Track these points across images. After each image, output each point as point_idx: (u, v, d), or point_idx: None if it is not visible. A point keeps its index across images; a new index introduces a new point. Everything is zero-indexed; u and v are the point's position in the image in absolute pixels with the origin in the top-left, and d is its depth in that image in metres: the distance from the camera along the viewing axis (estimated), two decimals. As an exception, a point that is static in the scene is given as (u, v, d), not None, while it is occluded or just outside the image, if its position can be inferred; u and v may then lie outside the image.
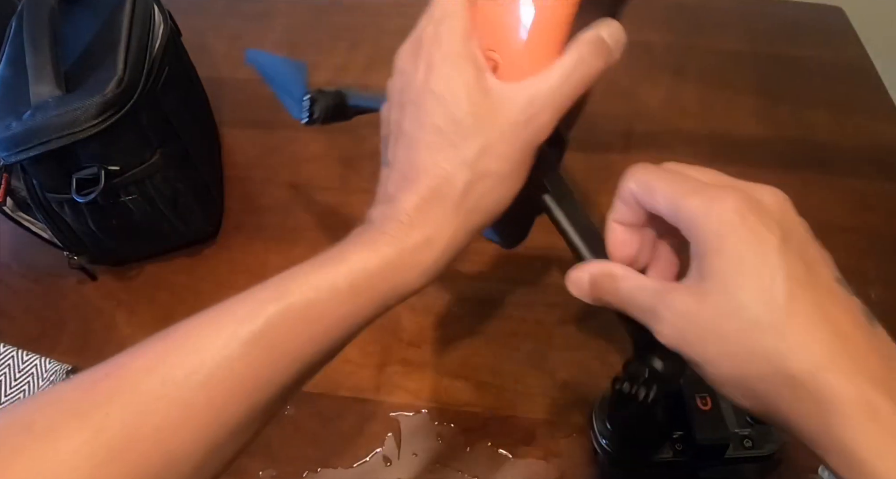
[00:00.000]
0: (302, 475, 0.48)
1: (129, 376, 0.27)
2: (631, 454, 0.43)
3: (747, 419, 0.44)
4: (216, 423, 0.27)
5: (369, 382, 0.52)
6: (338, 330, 0.30)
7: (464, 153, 0.30)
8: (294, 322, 0.28)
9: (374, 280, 0.30)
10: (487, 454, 0.49)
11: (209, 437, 0.27)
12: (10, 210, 0.56)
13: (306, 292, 0.29)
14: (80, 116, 0.49)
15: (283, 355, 0.28)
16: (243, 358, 0.27)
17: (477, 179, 0.30)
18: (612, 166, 0.67)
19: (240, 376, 0.27)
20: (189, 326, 0.28)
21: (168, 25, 0.60)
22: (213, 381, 0.27)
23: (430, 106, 0.31)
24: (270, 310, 0.28)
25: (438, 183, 0.30)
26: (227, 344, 0.27)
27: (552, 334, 0.55)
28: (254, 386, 0.28)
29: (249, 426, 0.29)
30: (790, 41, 0.83)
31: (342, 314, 0.30)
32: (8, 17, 0.58)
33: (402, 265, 0.30)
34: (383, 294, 0.30)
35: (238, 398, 0.27)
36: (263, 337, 0.28)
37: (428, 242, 0.30)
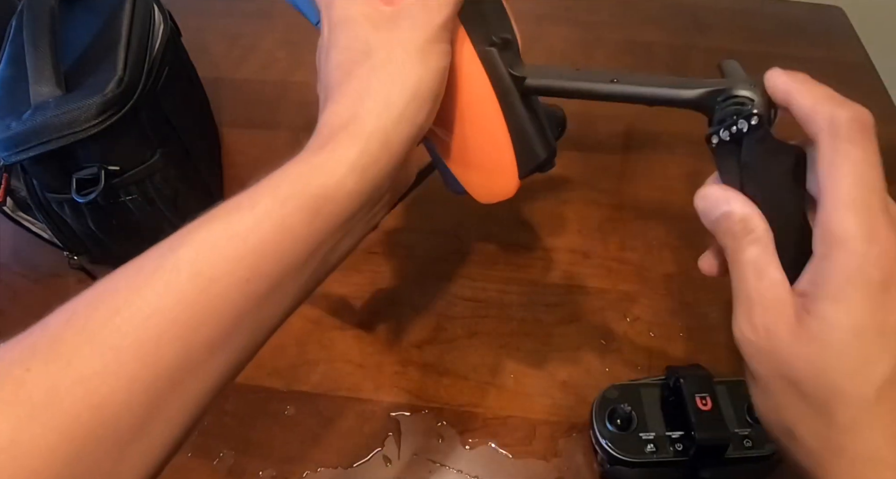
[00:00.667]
0: (302, 475, 0.48)
1: (50, 329, 0.25)
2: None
3: (747, 419, 0.44)
4: (150, 368, 0.25)
5: (369, 382, 0.52)
6: (272, 253, 0.28)
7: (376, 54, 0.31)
8: (229, 244, 0.27)
9: (295, 186, 0.29)
10: (487, 454, 0.49)
11: (144, 385, 0.25)
12: (10, 210, 0.56)
13: (228, 209, 0.28)
14: (80, 116, 0.49)
15: (212, 281, 0.27)
16: (173, 294, 0.26)
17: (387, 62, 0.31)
18: (612, 166, 0.67)
19: (171, 314, 0.26)
20: (116, 274, 0.27)
21: (168, 25, 0.60)
22: (140, 321, 0.25)
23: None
24: (201, 234, 0.27)
25: (356, 85, 0.31)
26: (151, 283, 0.26)
27: (552, 334, 0.55)
28: (187, 325, 0.26)
29: (189, 377, 0.26)
30: (790, 41, 0.83)
31: (269, 229, 0.28)
32: (8, 17, 0.58)
33: (322, 164, 0.30)
34: (309, 198, 0.29)
35: (170, 339, 0.25)
36: (194, 264, 0.27)
37: (350, 136, 0.30)
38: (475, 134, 0.36)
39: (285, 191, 0.29)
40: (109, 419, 0.24)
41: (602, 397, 0.46)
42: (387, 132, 0.30)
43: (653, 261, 0.59)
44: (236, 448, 0.49)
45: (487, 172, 0.38)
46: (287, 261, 0.28)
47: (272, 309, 0.29)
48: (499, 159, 0.36)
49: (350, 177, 0.29)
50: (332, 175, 0.29)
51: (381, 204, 0.33)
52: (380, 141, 0.30)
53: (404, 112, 0.30)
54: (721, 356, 0.53)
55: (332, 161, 0.29)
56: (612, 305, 0.57)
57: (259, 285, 0.28)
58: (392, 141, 0.30)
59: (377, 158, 0.30)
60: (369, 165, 0.30)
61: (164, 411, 0.26)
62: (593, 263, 0.59)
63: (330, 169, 0.29)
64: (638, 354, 0.53)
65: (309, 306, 0.57)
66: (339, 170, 0.29)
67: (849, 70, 0.79)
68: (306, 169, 0.29)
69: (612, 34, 0.82)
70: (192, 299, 0.26)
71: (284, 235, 0.28)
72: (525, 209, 0.63)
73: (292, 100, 0.73)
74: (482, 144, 0.37)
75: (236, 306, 0.27)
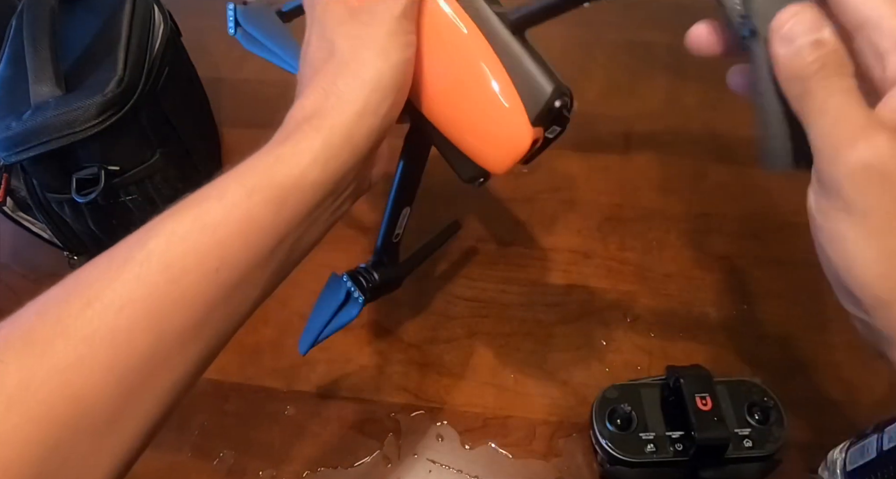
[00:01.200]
0: (302, 475, 0.48)
1: (22, 323, 0.26)
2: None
3: (747, 419, 0.44)
4: (123, 359, 0.25)
5: (369, 382, 0.52)
6: (240, 243, 0.29)
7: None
8: (199, 235, 0.28)
9: (261, 177, 0.30)
10: (487, 454, 0.49)
11: (118, 376, 0.25)
12: (10, 210, 0.56)
13: (197, 200, 0.29)
14: (80, 116, 0.49)
15: (182, 272, 0.27)
16: (144, 285, 0.26)
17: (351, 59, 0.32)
18: (612, 167, 0.67)
19: (143, 305, 0.26)
20: (87, 267, 0.27)
21: (168, 25, 0.60)
22: (112, 313, 0.25)
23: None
24: (171, 226, 0.28)
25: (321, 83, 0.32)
26: (122, 275, 0.26)
27: (552, 334, 0.55)
28: (159, 316, 0.26)
29: (163, 368, 0.27)
30: (790, 41, 0.83)
31: (237, 220, 0.28)
32: (8, 17, 0.58)
33: (286, 155, 0.30)
34: (275, 188, 0.29)
35: (142, 330, 0.26)
36: (164, 255, 0.27)
37: (313, 129, 0.31)
38: (476, 91, 0.35)
39: (252, 182, 0.29)
40: (84, 410, 0.24)
41: (602, 398, 0.46)
42: (349, 125, 0.31)
43: (653, 261, 0.59)
44: (236, 448, 0.49)
45: (497, 129, 0.35)
46: (255, 251, 0.29)
47: (241, 299, 0.30)
48: (505, 108, 0.34)
49: (313, 168, 0.30)
50: (296, 166, 0.30)
51: (345, 195, 0.33)
52: (342, 134, 0.31)
53: (366, 106, 0.31)
54: (721, 356, 0.53)
55: (296, 153, 0.30)
56: (612, 305, 0.56)
57: (228, 275, 0.28)
58: (354, 134, 0.31)
59: (340, 150, 0.31)
60: (332, 157, 0.31)
61: (138, 401, 0.26)
62: (593, 263, 0.59)
63: (294, 160, 0.30)
64: (638, 354, 0.53)
65: (309, 306, 0.56)
66: (303, 161, 0.30)
67: (849, 70, 0.79)
68: (271, 160, 0.30)
69: (612, 34, 0.82)
70: (164, 290, 0.26)
71: (252, 226, 0.29)
72: (525, 209, 0.63)
73: (292, 100, 0.72)
74: (484, 97, 0.35)
75: (207, 297, 0.28)
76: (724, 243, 0.61)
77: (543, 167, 0.67)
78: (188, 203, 0.29)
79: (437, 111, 0.37)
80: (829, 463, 0.45)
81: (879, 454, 0.40)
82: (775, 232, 0.61)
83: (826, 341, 0.54)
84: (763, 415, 0.44)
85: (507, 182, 0.66)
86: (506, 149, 0.35)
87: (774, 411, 0.44)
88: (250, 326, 0.55)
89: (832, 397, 0.51)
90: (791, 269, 0.59)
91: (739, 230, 0.62)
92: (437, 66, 0.35)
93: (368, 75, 0.32)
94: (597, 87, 0.75)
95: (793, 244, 0.60)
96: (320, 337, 0.46)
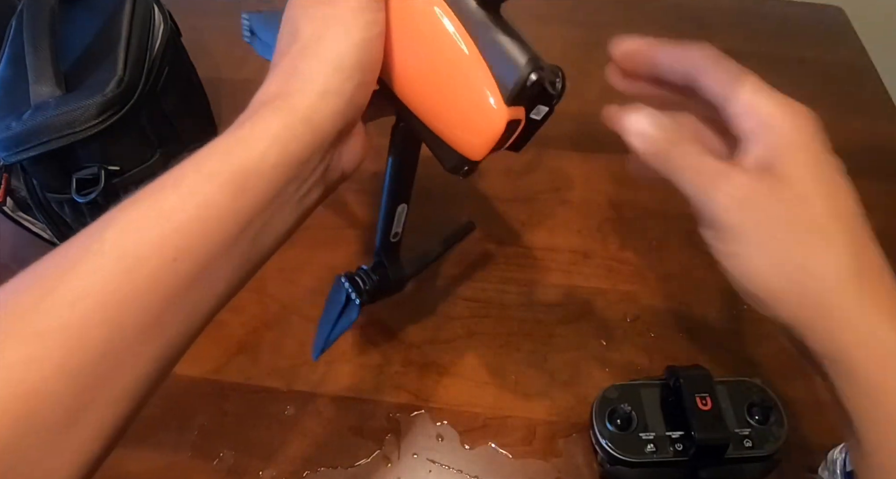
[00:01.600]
0: (302, 475, 0.48)
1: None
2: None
3: (747, 419, 0.44)
4: (77, 354, 0.24)
5: (369, 382, 0.52)
6: (198, 231, 0.27)
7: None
8: (154, 222, 0.27)
9: (218, 162, 0.28)
10: (487, 454, 0.49)
11: (73, 372, 0.24)
12: (10, 210, 0.56)
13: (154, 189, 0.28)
14: (80, 116, 0.49)
15: (139, 261, 0.26)
16: (99, 276, 0.25)
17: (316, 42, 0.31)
18: (611, 167, 0.67)
19: (98, 297, 0.25)
20: (43, 260, 0.26)
21: (168, 25, 0.60)
22: (66, 306, 0.24)
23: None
24: (127, 215, 0.27)
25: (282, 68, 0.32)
26: (76, 267, 0.25)
27: (552, 334, 0.55)
28: (116, 308, 0.25)
29: (121, 364, 0.26)
30: (790, 41, 0.83)
31: (194, 206, 0.27)
32: (8, 17, 0.58)
33: (244, 137, 0.29)
34: (233, 172, 0.28)
35: (98, 323, 0.25)
36: (119, 245, 0.26)
37: (272, 111, 0.30)
38: (447, 72, 0.33)
39: (209, 167, 0.28)
40: (37, 409, 0.23)
41: (602, 398, 0.46)
42: (310, 107, 0.30)
43: (653, 261, 0.59)
44: (236, 448, 0.49)
45: (469, 111, 0.33)
46: (215, 239, 0.28)
47: (204, 292, 0.28)
48: (476, 88, 0.32)
49: (272, 151, 0.29)
50: (254, 148, 0.29)
51: (311, 181, 0.32)
52: (303, 115, 0.30)
53: (328, 86, 0.30)
54: (721, 356, 0.53)
55: (254, 135, 0.29)
56: (612, 305, 0.57)
57: (187, 264, 0.27)
58: (316, 115, 0.30)
59: (300, 132, 0.30)
60: (292, 139, 0.29)
61: (96, 400, 0.25)
62: (593, 263, 0.59)
63: (252, 142, 0.29)
64: (638, 354, 0.53)
65: (309, 305, 0.57)
66: (261, 143, 0.29)
67: (849, 70, 0.79)
68: (229, 143, 0.29)
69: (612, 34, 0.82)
70: (120, 280, 0.25)
71: (210, 212, 0.27)
72: (525, 209, 0.63)
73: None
74: (455, 77, 0.33)
75: (166, 288, 0.26)
76: (724, 243, 0.61)
77: (543, 167, 0.67)
78: (146, 192, 0.28)
79: (412, 95, 0.35)
80: (829, 463, 0.45)
81: (879, 454, 0.40)
82: (775, 232, 0.61)
83: (826, 341, 0.54)
84: (763, 415, 0.44)
85: (507, 182, 0.66)
86: (479, 132, 0.33)
87: (774, 411, 0.44)
88: (250, 326, 0.56)
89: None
90: (791, 269, 0.59)
91: (739, 230, 0.62)
92: (408, 47, 0.33)
93: (330, 55, 0.31)
94: (597, 87, 0.75)
95: (793, 244, 0.60)
96: (328, 341, 0.46)
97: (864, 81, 0.77)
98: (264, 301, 0.57)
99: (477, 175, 0.66)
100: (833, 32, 0.85)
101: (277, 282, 0.58)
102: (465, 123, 0.34)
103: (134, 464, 0.48)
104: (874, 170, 0.67)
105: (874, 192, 0.65)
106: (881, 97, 0.75)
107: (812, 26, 0.86)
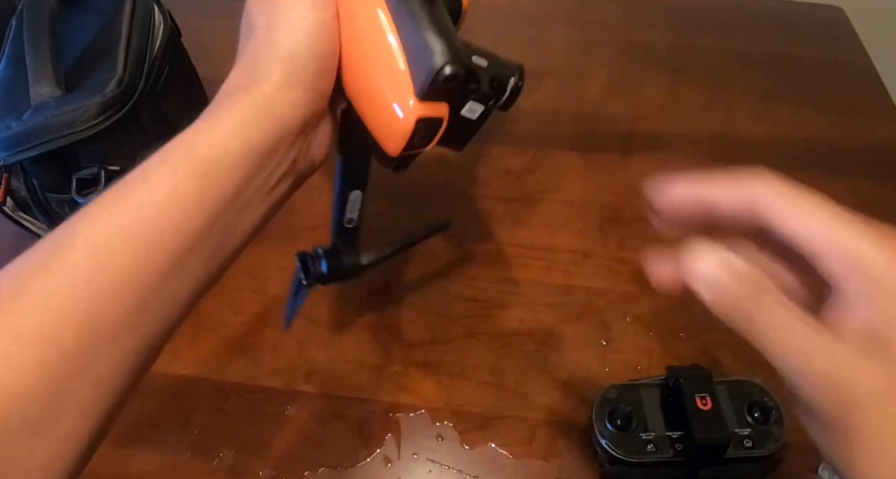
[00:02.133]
0: (302, 474, 0.48)
1: None
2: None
3: (747, 419, 0.44)
4: (52, 351, 0.24)
5: (369, 382, 0.52)
6: (168, 224, 0.27)
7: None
8: (124, 217, 0.27)
9: (183, 154, 0.29)
10: (487, 454, 0.49)
11: (48, 370, 0.24)
12: (10, 210, 0.56)
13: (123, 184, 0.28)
14: (80, 116, 0.49)
15: (110, 256, 0.26)
16: (71, 272, 0.25)
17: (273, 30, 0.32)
18: (611, 167, 0.67)
19: (71, 294, 0.25)
20: (17, 260, 0.26)
21: (168, 25, 0.60)
22: (39, 303, 0.24)
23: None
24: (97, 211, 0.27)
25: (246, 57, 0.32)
26: (48, 264, 0.25)
27: (552, 334, 0.55)
28: (89, 304, 0.25)
29: (97, 360, 0.25)
30: (790, 41, 0.83)
31: (162, 200, 0.27)
32: (8, 17, 0.58)
33: (206, 129, 0.30)
34: (196, 163, 0.28)
35: (72, 319, 0.24)
36: (91, 240, 0.26)
37: (233, 102, 0.30)
38: (369, 61, 0.32)
39: (173, 159, 0.28)
40: (14, 409, 0.23)
41: (602, 398, 0.46)
42: (270, 97, 0.30)
43: (653, 261, 0.59)
44: (236, 448, 0.49)
45: (384, 103, 0.32)
46: (185, 231, 0.28)
47: (178, 286, 0.28)
48: (390, 79, 0.31)
49: (234, 141, 0.29)
50: (215, 140, 0.29)
51: (279, 173, 0.32)
52: (263, 105, 0.30)
53: (286, 76, 0.30)
54: (721, 356, 0.53)
55: (216, 126, 0.29)
56: (612, 305, 0.57)
57: (160, 257, 0.27)
58: (277, 105, 0.30)
59: (262, 122, 0.30)
60: (253, 130, 0.30)
61: (73, 398, 0.25)
62: (593, 263, 0.59)
63: (213, 133, 0.29)
64: (638, 354, 0.53)
65: (309, 305, 0.57)
66: (222, 134, 0.29)
67: (849, 70, 0.79)
68: (192, 136, 0.29)
69: (612, 34, 0.82)
70: (92, 276, 0.25)
71: (177, 205, 0.27)
72: (525, 209, 0.63)
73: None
74: (375, 67, 0.32)
75: (139, 282, 0.26)
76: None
77: (543, 167, 0.67)
78: (116, 188, 0.28)
79: (347, 85, 0.34)
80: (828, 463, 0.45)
81: (879, 454, 0.40)
82: (775, 232, 0.61)
83: (826, 341, 0.54)
84: (763, 415, 0.44)
85: (507, 182, 0.66)
86: (391, 128, 0.32)
87: (774, 411, 0.44)
88: (250, 326, 0.56)
89: (832, 397, 0.51)
90: (791, 269, 0.59)
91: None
92: (345, 36, 0.33)
93: (285, 45, 0.31)
94: (597, 87, 0.75)
95: (793, 244, 0.60)
96: (291, 313, 0.45)
97: (864, 81, 0.77)
98: (264, 301, 0.57)
99: (477, 175, 0.66)
100: (833, 32, 0.85)
101: (277, 282, 0.58)
102: (381, 118, 0.32)
103: (134, 464, 0.48)
104: (874, 170, 0.68)
105: (874, 192, 0.66)
106: (881, 97, 0.75)
107: (812, 26, 0.86)
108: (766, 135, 0.71)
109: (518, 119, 0.71)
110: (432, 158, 0.41)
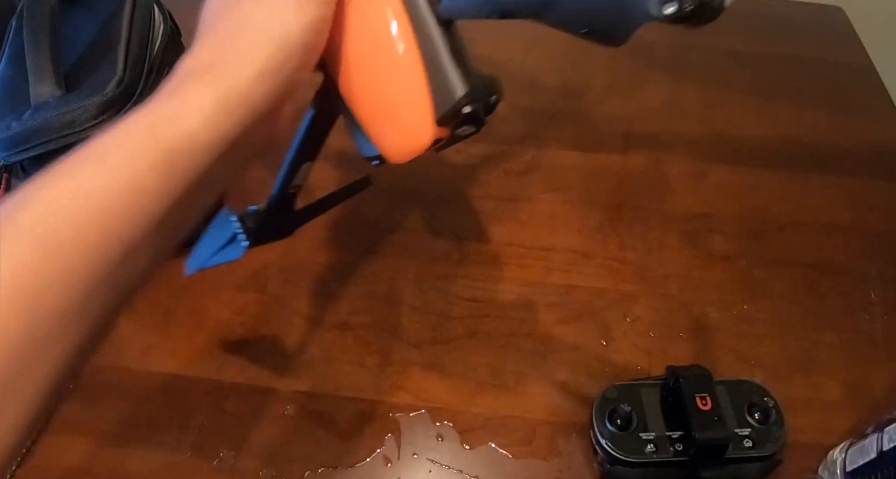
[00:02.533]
0: (302, 474, 0.48)
1: None
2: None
3: (747, 419, 0.44)
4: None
5: (369, 382, 0.52)
6: (124, 213, 0.25)
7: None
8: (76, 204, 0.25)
9: (146, 139, 0.26)
10: (487, 454, 0.49)
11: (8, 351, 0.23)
12: (10, 210, 0.56)
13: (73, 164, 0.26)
14: (80, 116, 0.49)
15: (58, 248, 0.24)
16: (14, 263, 0.23)
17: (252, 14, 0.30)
18: (612, 167, 0.67)
19: (15, 285, 0.23)
20: None
21: (168, 25, 0.60)
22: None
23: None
24: (44, 194, 0.25)
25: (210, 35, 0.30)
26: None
27: (552, 334, 0.55)
28: (33, 296, 0.23)
29: (42, 353, 0.24)
30: (790, 41, 0.83)
31: (121, 188, 0.25)
32: (8, 17, 0.58)
33: (173, 112, 0.27)
34: (162, 151, 0.26)
35: (16, 312, 0.23)
36: (36, 229, 0.24)
37: (205, 85, 0.28)
38: (385, 77, 0.33)
39: (136, 144, 0.26)
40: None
41: (602, 398, 0.46)
42: (248, 85, 0.28)
43: (653, 261, 0.59)
44: (236, 448, 0.49)
45: (399, 120, 0.33)
46: (142, 221, 0.26)
47: (128, 273, 0.26)
48: (411, 103, 0.32)
49: (204, 130, 0.27)
50: (184, 127, 0.27)
51: (243, 158, 0.31)
52: (239, 94, 0.28)
53: (267, 65, 0.28)
54: (721, 356, 0.53)
55: (185, 111, 0.27)
56: (612, 305, 0.57)
57: (112, 249, 0.25)
58: (253, 95, 0.28)
59: (235, 112, 0.28)
60: (225, 118, 0.27)
61: (15, 393, 0.23)
62: (593, 263, 0.59)
63: (182, 119, 0.27)
64: (638, 354, 0.53)
65: (309, 305, 0.57)
66: (193, 121, 0.27)
67: (849, 70, 0.79)
68: (157, 118, 0.27)
69: (612, 34, 0.82)
70: (37, 268, 0.23)
71: (137, 194, 0.25)
72: (525, 209, 0.63)
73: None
74: (393, 86, 0.33)
75: (88, 274, 0.24)
76: (724, 243, 0.61)
77: (543, 167, 0.67)
78: (64, 167, 0.26)
79: (348, 86, 0.34)
80: (829, 463, 0.45)
81: (879, 455, 0.40)
82: (775, 232, 0.61)
83: (826, 341, 0.54)
84: (763, 415, 0.44)
85: (507, 182, 0.66)
86: (405, 142, 0.34)
87: (774, 411, 0.44)
88: (250, 325, 0.56)
89: (832, 397, 0.51)
90: (791, 269, 0.59)
91: (739, 230, 0.62)
92: (353, 39, 0.33)
93: (275, 32, 0.29)
94: (597, 87, 0.75)
95: (793, 244, 0.60)
96: (206, 265, 0.45)
97: (864, 80, 0.77)
98: (264, 301, 0.57)
99: (476, 175, 0.66)
100: (833, 32, 0.85)
101: (277, 282, 0.58)
102: (392, 129, 0.34)
103: (134, 464, 0.48)
104: (874, 170, 0.68)
105: (874, 192, 0.66)
106: (881, 97, 0.75)
107: (812, 26, 0.86)
108: (766, 135, 0.71)
109: (518, 119, 0.71)
110: (432, 158, 0.41)
